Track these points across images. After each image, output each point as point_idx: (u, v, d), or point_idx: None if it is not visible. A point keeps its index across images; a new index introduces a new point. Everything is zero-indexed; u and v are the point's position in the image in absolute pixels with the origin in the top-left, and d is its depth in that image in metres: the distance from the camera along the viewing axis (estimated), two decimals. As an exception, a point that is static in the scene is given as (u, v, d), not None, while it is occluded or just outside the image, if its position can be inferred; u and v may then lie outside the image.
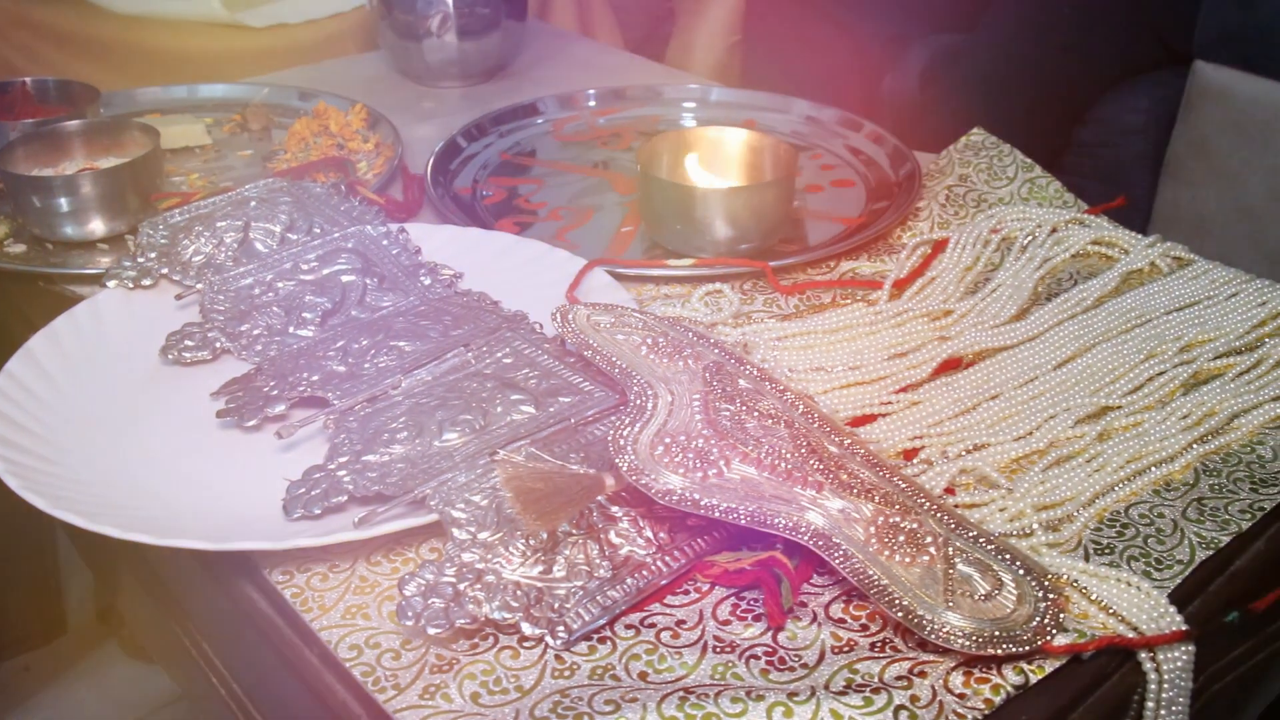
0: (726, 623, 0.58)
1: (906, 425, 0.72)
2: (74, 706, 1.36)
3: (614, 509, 0.61)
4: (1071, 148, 1.58)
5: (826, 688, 0.54)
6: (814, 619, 0.58)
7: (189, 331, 0.81)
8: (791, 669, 0.55)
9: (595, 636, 0.57)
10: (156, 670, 1.31)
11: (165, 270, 0.87)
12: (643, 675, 0.55)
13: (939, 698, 0.53)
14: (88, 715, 1.35)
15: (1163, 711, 0.57)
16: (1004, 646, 0.54)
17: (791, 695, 0.53)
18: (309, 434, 0.70)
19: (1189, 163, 1.48)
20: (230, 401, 0.73)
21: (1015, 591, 0.57)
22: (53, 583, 1.38)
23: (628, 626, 0.58)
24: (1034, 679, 0.55)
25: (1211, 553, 0.62)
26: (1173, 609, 0.57)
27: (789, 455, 0.61)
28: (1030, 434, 0.71)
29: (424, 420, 0.68)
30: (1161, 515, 0.65)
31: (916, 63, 1.70)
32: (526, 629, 0.57)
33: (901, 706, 0.53)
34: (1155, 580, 0.60)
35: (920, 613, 0.55)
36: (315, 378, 0.74)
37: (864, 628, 0.58)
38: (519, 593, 0.58)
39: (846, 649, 0.56)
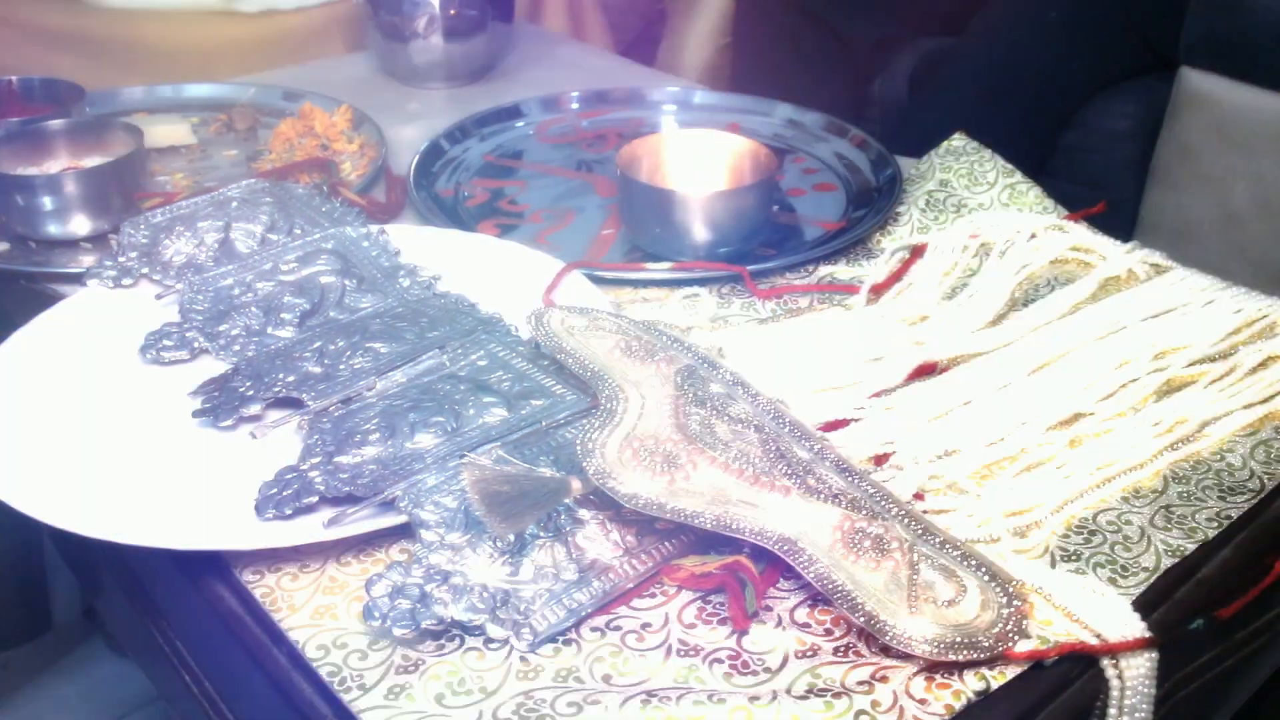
0: (692, 626, 0.58)
1: (879, 430, 0.72)
2: (55, 704, 1.35)
3: (582, 512, 0.62)
4: (1058, 153, 1.58)
5: (788, 692, 0.54)
6: (778, 623, 0.58)
7: (168, 331, 0.81)
8: (755, 673, 0.55)
9: (561, 639, 0.57)
10: (138, 668, 1.30)
11: (146, 270, 0.87)
12: (606, 678, 0.55)
13: (900, 703, 0.54)
14: (68, 712, 1.35)
15: (1125, 718, 0.58)
16: (965, 652, 0.55)
17: (753, 699, 0.53)
18: (283, 434, 0.71)
19: (1174, 169, 1.48)
20: (206, 401, 0.73)
21: (979, 597, 0.57)
22: (37, 579, 1.38)
23: (593, 629, 0.58)
24: (995, 685, 0.55)
25: (1177, 560, 0.63)
26: (1135, 615, 0.58)
27: (757, 460, 0.61)
28: (1002, 440, 0.71)
29: (397, 422, 0.68)
30: (1129, 522, 0.65)
31: (905, 67, 1.70)
32: (492, 630, 0.57)
33: (862, 711, 0.53)
34: (1121, 587, 0.61)
35: (883, 618, 0.55)
36: (291, 378, 0.74)
37: (828, 632, 0.58)
38: (486, 594, 0.58)
39: (810, 653, 0.57)
